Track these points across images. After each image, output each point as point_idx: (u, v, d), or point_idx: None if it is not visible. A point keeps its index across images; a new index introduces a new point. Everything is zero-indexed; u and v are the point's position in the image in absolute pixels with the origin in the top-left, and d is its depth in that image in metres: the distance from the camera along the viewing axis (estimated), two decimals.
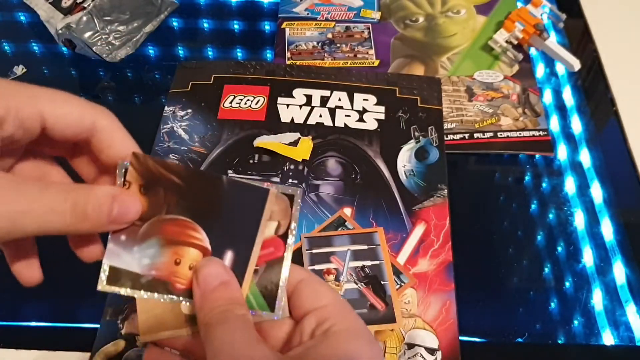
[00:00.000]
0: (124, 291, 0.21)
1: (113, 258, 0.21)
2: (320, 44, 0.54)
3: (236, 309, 0.20)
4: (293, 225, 0.22)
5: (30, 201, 0.18)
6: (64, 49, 0.52)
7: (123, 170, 0.21)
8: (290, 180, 0.43)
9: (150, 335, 0.22)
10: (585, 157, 0.46)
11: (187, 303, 0.21)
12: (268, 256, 0.22)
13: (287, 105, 0.47)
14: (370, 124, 0.46)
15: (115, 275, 0.21)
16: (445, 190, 0.42)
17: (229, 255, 0.22)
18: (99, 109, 0.21)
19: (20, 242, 0.22)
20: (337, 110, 0.47)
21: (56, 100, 0.20)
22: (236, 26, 0.57)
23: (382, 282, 0.37)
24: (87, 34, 0.49)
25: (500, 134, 0.47)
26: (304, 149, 0.44)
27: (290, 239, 0.22)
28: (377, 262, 0.38)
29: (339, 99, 0.48)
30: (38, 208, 0.18)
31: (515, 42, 0.52)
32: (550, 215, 0.43)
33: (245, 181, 0.22)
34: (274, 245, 0.22)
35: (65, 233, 0.20)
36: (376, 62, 0.52)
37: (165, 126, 0.46)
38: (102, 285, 0.21)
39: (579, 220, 0.42)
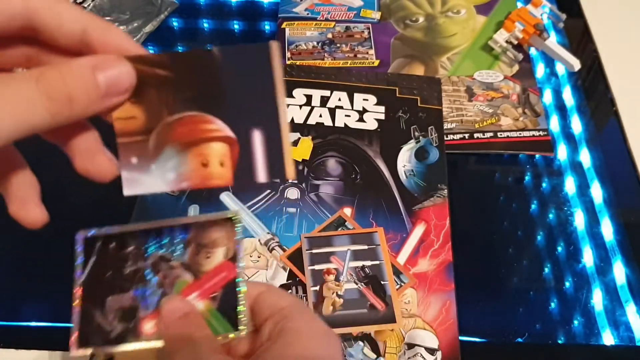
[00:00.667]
0: (97, 350, 0.21)
1: (133, 186, 0.19)
2: (320, 44, 0.54)
3: (197, 332, 0.21)
4: (239, 246, 0.22)
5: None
6: None
7: (82, 239, 0.22)
8: (290, 180, 0.43)
9: None
10: (585, 157, 0.46)
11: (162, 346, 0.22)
12: (222, 281, 0.22)
13: (287, 105, 0.47)
14: (370, 124, 0.46)
15: (85, 338, 0.21)
16: (445, 190, 0.42)
17: (257, 134, 0.20)
18: (90, 14, 0.18)
19: (12, 178, 0.19)
20: (337, 110, 0.47)
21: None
22: (236, 26, 0.57)
23: (382, 282, 0.37)
24: None
25: (500, 134, 0.47)
26: (304, 149, 0.44)
27: (240, 259, 0.22)
28: (377, 262, 0.38)
29: (339, 99, 0.48)
30: (6, 105, 0.15)
31: (515, 42, 0.52)
32: (550, 215, 0.43)
33: (238, 45, 0.19)
34: (226, 269, 0.22)
35: (52, 126, 0.16)
36: (376, 62, 0.52)
37: None
38: (75, 351, 0.21)
39: (579, 220, 0.42)
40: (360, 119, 0.47)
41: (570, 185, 0.45)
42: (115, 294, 0.22)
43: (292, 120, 0.46)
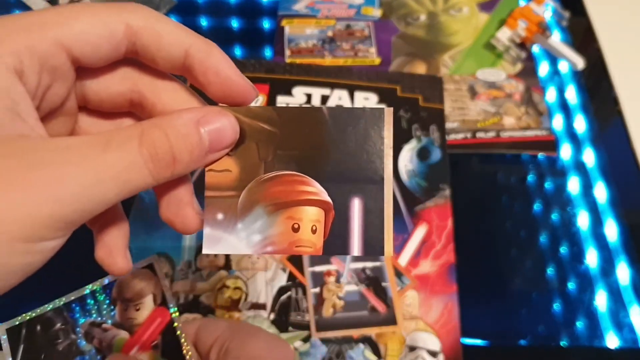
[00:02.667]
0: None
1: (214, 244, 0.18)
2: (320, 42, 0.53)
3: None
4: (166, 291, 0.22)
5: (95, 167, 0.14)
6: None
7: (4, 332, 0.22)
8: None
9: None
10: (589, 156, 0.46)
11: None
12: (159, 327, 0.22)
13: (287, 104, 0.47)
14: None
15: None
16: (447, 190, 0.41)
17: (357, 202, 0.18)
18: (124, 5, 0.16)
19: (106, 220, 0.18)
20: None
21: (69, 18, 0.15)
22: (235, 24, 0.57)
23: (383, 284, 0.36)
24: None
25: (503, 134, 0.46)
26: None
27: (171, 303, 0.22)
28: (379, 264, 0.37)
29: (340, 98, 0.47)
30: (110, 171, 0.14)
31: (518, 41, 0.51)
32: (554, 216, 0.42)
33: (351, 107, 0.18)
34: (159, 315, 0.22)
35: (153, 186, 0.16)
36: (377, 61, 0.52)
37: None
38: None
39: (583, 220, 0.42)
40: None
41: (573, 185, 0.44)
42: None
43: None
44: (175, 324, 0.22)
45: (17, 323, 0.22)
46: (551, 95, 0.50)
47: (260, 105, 0.18)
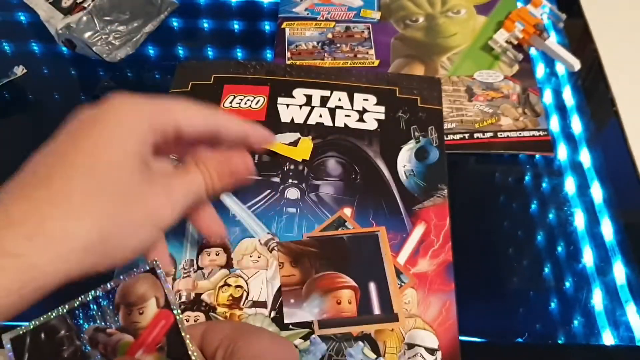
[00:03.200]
0: None
1: (291, 317, 0.31)
2: (320, 44, 0.54)
3: None
4: (168, 294, 0.23)
5: (180, 185, 0.24)
6: (64, 49, 0.52)
7: (8, 343, 0.22)
8: (290, 180, 0.43)
9: None
10: (585, 157, 0.46)
11: None
12: (163, 329, 0.22)
13: (287, 105, 0.47)
14: (370, 124, 0.46)
15: None
16: (445, 190, 0.42)
17: (372, 285, 0.35)
18: (220, 112, 0.26)
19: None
20: (337, 110, 0.47)
21: (184, 108, 0.25)
22: (236, 26, 0.57)
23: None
24: (87, 34, 0.49)
25: (500, 134, 0.47)
26: (304, 149, 0.44)
27: (174, 305, 0.23)
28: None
29: (339, 99, 0.48)
30: (187, 187, 0.24)
31: (515, 42, 0.52)
32: (551, 215, 0.43)
33: (357, 232, 0.34)
34: (163, 317, 0.23)
35: (204, 200, 0.26)
36: (376, 62, 0.52)
37: None
38: None
39: (579, 220, 0.42)
40: (360, 119, 0.47)
41: (570, 185, 0.45)
42: None
43: (292, 120, 0.46)
44: (180, 325, 0.22)
45: (21, 333, 0.22)
46: (548, 96, 0.50)
47: (308, 239, 0.33)
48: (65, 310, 0.23)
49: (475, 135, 0.46)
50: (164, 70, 0.52)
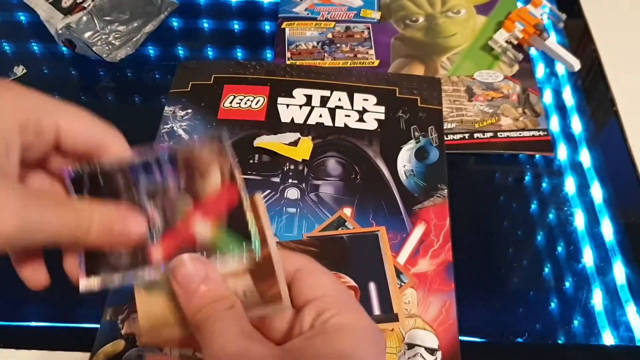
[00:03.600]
0: (108, 284, 0.21)
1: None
2: (320, 44, 0.54)
3: (222, 305, 0.20)
4: (234, 166, 0.22)
5: (44, 213, 0.19)
6: (64, 49, 0.52)
7: (69, 180, 0.22)
8: (290, 180, 0.43)
9: (151, 336, 0.22)
10: (585, 157, 0.46)
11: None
12: (226, 201, 0.21)
13: (287, 105, 0.47)
14: (370, 124, 0.46)
15: (93, 268, 0.21)
16: (445, 190, 0.42)
17: (372, 285, 0.35)
18: (109, 127, 0.23)
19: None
20: (337, 110, 0.47)
21: (72, 114, 0.22)
22: (236, 26, 0.57)
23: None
24: (87, 34, 0.49)
25: (500, 134, 0.47)
26: (304, 149, 0.44)
27: (239, 178, 0.22)
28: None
29: (339, 99, 0.48)
30: (51, 221, 0.19)
31: (515, 42, 0.52)
32: (550, 216, 0.43)
33: (357, 232, 0.31)
34: (226, 189, 0.22)
35: (66, 246, 0.21)
36: (376, 62, 0.52)
37: (165, 126, 0.46)
38: (84, 282, 0.21)
39: (579, 220, 0.42)
40: (360, 119, 0.47)
41: (570, 185, 0.45)
42: None
43: (292, 120, 0.46)
44: (243, 196, 0.21)
45: (80, 171, 0.22)
46: (548, 96, 0.50)
47: (307, 239, 0.30)
48: (127, 163, 0.22)
49: (475, 135, 0.46)
50: (164, 71, 0.52)
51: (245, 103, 0.47)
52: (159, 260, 0.21)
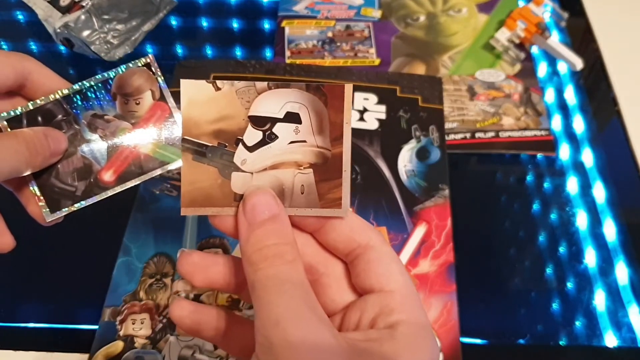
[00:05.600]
0: (70, 209, 0.23)
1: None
2: (320, 43, 0.53)
3: (287, 253, 0.18)
4: (163, 88, 0.24)
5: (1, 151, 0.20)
6: (62, 47, 0.51)
7: (5, 123, 0.23)
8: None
9: (193, 209, 0.20)
10: (587, 156, 0.46)
11: (129, 186, 0.23)
12: (160, 119, 0.24)
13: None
14: (371, 123, 0.46)
15: (54, 204, 0.23)
16: (447, 190, 0.41)
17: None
18: (23, 55, 0.23)
19: None
20: None
21: None
22: (235, 25, 0.57)
23: None
24: (85, 33, 0.49)
25: (502, 134, 0.46)
26: None
27: (169, 99, 0.24)
28: None
29: None
30: (9, 156, 0.21)
31: (517, 41, 0.52)
32: (552, 216, 0.42)
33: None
34: (159, 108, 0.24)
35: (25, 172, 0.22)
36: (377, 61, 0.52)
37: None
38: (49, 218, 0.23)
39: (581, 220, 0.42)
40: (361, 119, 0.46)
41: (572, 185, 0.44)
42: (63, 160, 0.23)
43: None
44: (174, 115, 0.24)
45: (18, 113, 0.23)
46: (550, 95, 0.50)
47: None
48: (60, 96, 0.23)
49: (477, 134, 0.46)
50: (163, 70, 0.51)
51: None
52: (110, 180, 0.23)
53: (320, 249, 0.21)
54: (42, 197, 0.23)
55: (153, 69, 0.24)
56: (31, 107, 0.23)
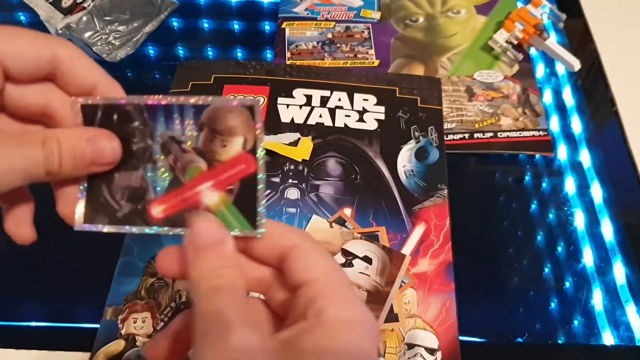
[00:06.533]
0: (103, 228, 0.20)
1: None
2: (320, 44, 0.54)
3: (229, 274, 0.19)
4: (258, 140, 0.20)
5: (10, 157, 0.18)
6: None
7: (79, 106, 0.20)
8: (290, 180, 0.43)
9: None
10: (585, 157, 0.46)
11: (171, 233, 0.20)
12: (240, 174, 0.20)
13: (287, 106, 0.47)
14: (370, 124, 0.46)
15: (92, 214, 0.20)
16: (446, 190, 0.42)
17: None
18: (56, 39, 0.21)
19: (14, 198, 0.22)
20: (337, 110, 0.47)
21: (7, 35, 0.19)
22: (236, 26, 0.57)
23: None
24: (87, 34, 0.49)
25: (500, 134, 0.47)
26: (304, 149, 0.44)
27: (260, 152, 0.20)
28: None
29: (339, 99, 0.48)
30: (19, 163, 0.19)
31: (515, 42, 0.52)
32: (550, 216, 0.43)
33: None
34: (244, 161, 0.20)
35: (45, 180, 0.20)
36: (376, 62, 0.52)
37: None
38: (79, 226, 0.20)
39: (579, 220, 0.42)
40: (360, 119, 0.47)
41: (570, 185, 0.45)
42: (123, 171, 0.20)
43: (292, 120, 0.46)
44: (259, 180, 0.20)
45: (94, 103, 0.20)
46: (548, 96, 0.50)
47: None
48: (144, 103, 0.20)
49: (475, 135, 0.46)
50: (164, 70, 0.52)
51: None
52: (158, 217, 0.20)
53: (259, 265, 0.21)
54: (85, 200, 0.20)
55: (255, 114, 0.20)
56: (109, 101, 0.20)
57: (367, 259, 0.36)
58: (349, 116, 0.47)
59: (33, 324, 0.37)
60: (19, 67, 0.20)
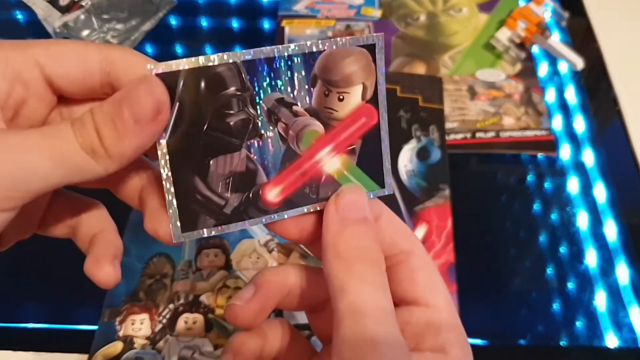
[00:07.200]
0: (210, 232, 0.16)
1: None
2: None
3: (379, 260, 0.16)
4: (380, 86, 0.17)
5: (36, 150, 0.14)
6: None
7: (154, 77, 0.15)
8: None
9: None
10: (588, 156, 0.46)
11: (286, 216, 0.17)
12: (362, 129, 0.17)
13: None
14: None
15: (189, 218, 0.16)
16: (447, 190, 0.41)
17: None
18: (109, 45, 0.18)
19: (92, 226, 0.19)
20: None
21: (50, 45, 0.17)
22: (235, 24, 0.57)
23: None
24: (84, 33, 0.49)
25: (503, 134, 0.46)
26: None
27: (382, 100, 0.17)
28: None
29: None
30: (49, 151, 0.15)
31: (518, 41, 0.52)
32: (553, 216, 0.42)
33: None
34: (366, 113, 0.17)
35: (99, 172, 0.15)
36: None
37: None
38: (177, 239, 0.16)
39: (582, 220, 0.42)
40: None
41: (573, 185, 0.44)
42: (221, 154, 0.16)
43: None
44: (382, 131, 0.17)
45: (174, 70, 0.15)
46: (551, 95, 0.50)
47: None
48: (240, 59, 0.15)
49: (477, 134, 0.46)
50: None
51: None
52: (275, 202, 0.16)
53: None
54: (176, 205, 0.16)
55: (377, 55, 0.16)
56: (195, 64, 0.15)
57: None
58: None
59: (31, 325, 0.37)
60: (61, 74, 0.17)
